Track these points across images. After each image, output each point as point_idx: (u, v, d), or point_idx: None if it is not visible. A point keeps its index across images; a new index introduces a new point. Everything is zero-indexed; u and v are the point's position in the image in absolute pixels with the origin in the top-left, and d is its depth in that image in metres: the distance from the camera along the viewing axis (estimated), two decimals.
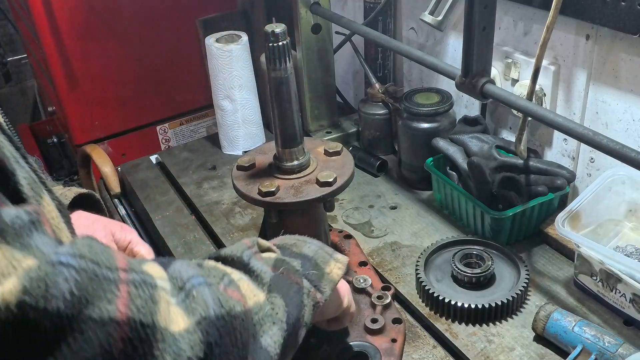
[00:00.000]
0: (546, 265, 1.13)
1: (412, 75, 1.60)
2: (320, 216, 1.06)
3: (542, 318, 0.95)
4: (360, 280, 1.07)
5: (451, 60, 1.39)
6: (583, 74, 1.13)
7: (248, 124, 1.56)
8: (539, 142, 1.28)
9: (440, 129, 1.31)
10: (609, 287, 0.99)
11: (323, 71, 1.52)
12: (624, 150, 0.84)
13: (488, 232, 1.17)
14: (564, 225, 1.02)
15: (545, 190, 1.15)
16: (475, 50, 1.00)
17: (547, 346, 0.96)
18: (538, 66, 1.01)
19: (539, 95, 1.19)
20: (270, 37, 0.93)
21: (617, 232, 1.11)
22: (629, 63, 1.04)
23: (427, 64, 1.14)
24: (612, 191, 1.09)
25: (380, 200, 1.35)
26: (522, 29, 1.22)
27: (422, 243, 1.20)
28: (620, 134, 1.10)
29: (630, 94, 1.06)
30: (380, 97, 1.47)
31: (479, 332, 1.00)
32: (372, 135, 1.50)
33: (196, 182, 1.48)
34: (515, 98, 1.00)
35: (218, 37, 1.51)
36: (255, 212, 1.33)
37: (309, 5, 1.42)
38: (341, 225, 1.28)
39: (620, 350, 0.87)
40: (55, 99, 1.84)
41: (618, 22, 0.98)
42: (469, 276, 1.05)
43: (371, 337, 0.97)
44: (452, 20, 1.30)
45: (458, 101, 1.43)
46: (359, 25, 1.36)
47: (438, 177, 1.26)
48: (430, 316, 1.04)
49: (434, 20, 1.21)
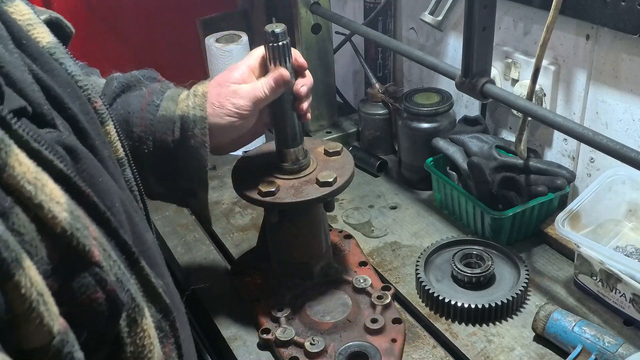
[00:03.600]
0: (546, 265, 1.13)
1: (412, 75, 1.60)
2: (320, 216, 1.06)
3: (542, 318, 0.95)
4: (360, 280, 1.07)
5: (451, 60, 1.39)
6: (583, 74, 1.13)
7: None
8: (539, 142, 1.28)
9: (440, 129, 1.31)
10: (609, 287, 0.99)
11: (323, 71, 1.52)
12: (624, 150, 0.84)
13: (488, 232, 1.17)
14: (564, 225, 1.02)
15: (545, 190, 1.15)
16: (475, 50, 1.00)
17: (547, 346, 0.97)
18: (538, 66, 1.01)
19: (539, 95, 1.19)
20: (270, 37, 0.92)
21: (617, 232, 1.11)
22: (629, 63, 1.04)
23: (427, 64, 1.14)
24: (612, 191, 1.09)
25: (380, 200, 1.35)
26: (522, 29, 1.22)
27: (422, 243, 1.20)
28: (620, 134, 1.10)
29: (630, 94, 1.07)
30: (380, 97, 1.47)
31: (479, 332, 1.00)
32: (372, 135, 1.50)
33: None
34: (515, 98, 1.00)
35: (218, 37, 1.51)
36: (256, 212, 1.33)
37: (309, 5, 1.42)
38: (341, 225, 1.28)
39: (620, 350, 0.88)
40: None
41: (618, 22, 0.98)
42: (469, 276, 1.05)
43: (371, 337, 0.97)
44: (452, 20, 1.30)
45: (458, 101, 1.43)
46: (359, 25, 1.35)
47: (438, 177, 1.26)
48: (430, 316, 1.04)
49: (434, 20, 1.21)
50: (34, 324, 0.40)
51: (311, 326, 1.00)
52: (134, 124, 0.87)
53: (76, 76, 0.58)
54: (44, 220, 0.43)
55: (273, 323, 1.01)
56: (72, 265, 0.45)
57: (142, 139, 0.88)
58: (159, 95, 0.90)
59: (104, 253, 0.48)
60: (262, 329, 1.00)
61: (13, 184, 0.41)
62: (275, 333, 0.98)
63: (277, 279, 1.09)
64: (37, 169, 0.44)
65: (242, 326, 1.06)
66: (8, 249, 0.38)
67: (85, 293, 0.46)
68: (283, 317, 1.01)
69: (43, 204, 0.43)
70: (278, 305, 1.03)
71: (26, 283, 0.39)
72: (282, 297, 1.06)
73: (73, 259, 0.45)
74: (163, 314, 0.59)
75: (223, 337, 1.04)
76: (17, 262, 0.38)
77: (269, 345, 0.99)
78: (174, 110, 0.88)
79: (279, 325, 1.00)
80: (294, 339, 0.97)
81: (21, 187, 0.42)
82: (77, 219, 0.46)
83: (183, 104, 0.89)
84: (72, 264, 0.45)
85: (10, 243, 0.39)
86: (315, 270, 1.08)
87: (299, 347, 0.96)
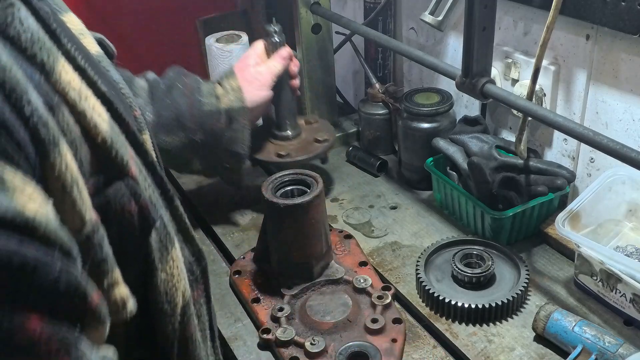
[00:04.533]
0: (546, 265, 1.13)
1: (412, 75, 1.60)
2: (321, 216, 1.06)
3: (542, 318, 0.95)
4: (360, 280, 1.07)
5: (451, 60, 1.39)
6: (583, 74, 1.13)
7: None
8: (539, 142, 1.28)
9: (440, 129, 1.31)
10: (609, 287, 0.99)
11: (323, 71, 1.52)
12: (624, 150, 0.84)
13: (488, 232, 1.17)
14: (564, 225, 1.02)
15: (545, 190, 1.15)
16: (475, 50, 1.00)
17: (547, 346, 0.97)
18: (538, 66, 1.01)
19: (539, 95, 1.19)
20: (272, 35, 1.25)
21: (617, 232, 1.11)
22: (629, 63, 1.04)
23: (427, 64, 1.14)
24: (612, 191, 1.09)
25: (380, 200, 1.35)
26: (522, 29, 1.23)
27: (422, 243, 1.20)
28: (620, 134, 1.10)
29: (630, 94, 1.07)
30: (380, 97, 1.47)
31: (479, 332, 1.00)
32: (372, 135, 1.50)
33: (196, 182, 1.48)
34: (515, 98, 1.00)
35: (218, 37, 1.51)
36: (255, 212, 1.33)
37: (309, 5, 1.42)
38: (341, 225, 1.28)
39: (621, 350, 0.88)
40: None
41: (618, 22, 0.98)
42: (469, 276, 1.05)
43: (371, 337, 0.97)
44: (452, 20, 1.30)
45: (458, 101, 1.43)
46: (359, 25, 1.35)
47: (438, 177, 1.26)
48: (430, 316, 1.04)
49: (434, 20, 1.21)
50: (67, 207, 0.41)
51: (311, 326, 1.00)
52: (186, 119, 1.12)
53: (120, 84, 0.62)
54: (87, 128, 0.46)
55: (273, 323, 1.01)
56: (109, 173, 0.48)
57: (193, 130, 1.13)
58: (199, 93, 1.14)
59: (139, 173, 0.52)
60: (263, 329, 1.00)
61: (59, 89, 0.44)
62: (276, 333, 0.98)
63: (277, 279, 1.09)
64: (82, 83, 0.47)
65: (242, 326, 1.06)
66: (47, 130, 0.40)
67: (119, 202, 0.48)
68: (283, 317, 1.01)
69: (86, 112, 0.46)
70: (278, 305, 1.03)
71: (61, 166, 0.41)
72: (282, 297, 1.06)
73: (111, 168, 0.48)
74: (195, 257, 0.62)
75: (223, 337, 1.04)
76: (54, 145, 0.40)
77: (269, 345, 0.99)
78: (218, 105, 1.14)
79: (279, 325, 1.00)
80: (294, 339, 0.97)
81: (67, 93, 0.44)
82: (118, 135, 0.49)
83: (225, 98, 1.15)
84: (110, 172, 0.48)
85: (50, 124, 0.40)
86: (315, 270, 1.08)
87: (299, 347, 0.96)
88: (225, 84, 1.17)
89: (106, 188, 0.48)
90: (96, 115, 0.47)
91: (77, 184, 0.42)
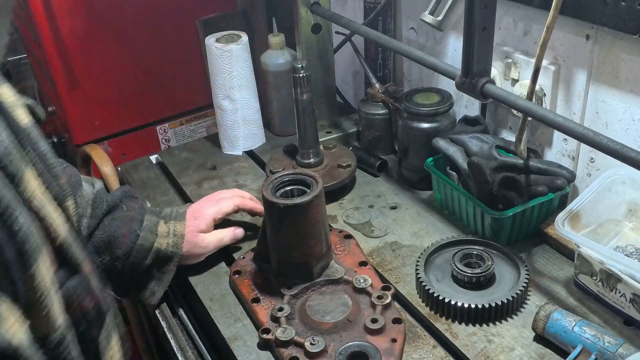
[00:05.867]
0: (546, 265, 1.13)
1: (412, 75, 1.60)
2: (321, 216, 1.06)
3: (542, 318, 0.95)
4: (360, 280, 1.07)
5: (451, 60, 1.39)
6: (583, 74, 1.13)
7: (248, 124, 1.56)
8: (539, 142, 1.28)
9: (440, 129, 1.31)
10: (609, 287, 0.99)
11: (323, 71, 1.52)
12: (624, 150, 0.84)
13: (488, 232, 1.17)
14: (564, 225, 1.02)
15: (545, 190, 1.15)
16: (475, 50, 1.00)
17: (547, 346, 0.97)
18: (538, 66, 1.01)
19: (539, 95, 1.19)
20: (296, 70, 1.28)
21: (617, 232, 1.11)
22: (629, 63, 1.04)
23: (427, 64, 1.14)
24: (612, 191, 1.09)
25: (380, 200, 1.35)
26: (522, 29, 1.23)
27: (422, 243, 1.20)
28: (620, 134, 1.10)
29: (630, 94, 1.07)
30: (380, 97, 1.47)
31: (479, 332, 1.00)
32: (372, 135, 1.50)
33: (196, 182, 1.48)
34: (515, 98, 1.00)
35: (218, 37, 1.51)
36: None
37: (309, 5, 1.42)
38: (341, 225, 1.28)
39: (620, 350, 0.88)
40: (55, 99, 1.84)
41: (618, 22, 0.98)
42: (469, 276, 1.05)
43: (371, 337, 0.97)
44: (452, 20, 1.30)
45: (458, 101, 1.43)
46: (359, 25, 1.35)
47: (438, 177, 1.26)
48: (430, 316, 1.04)
49: (434, 20, 1.21)
50: (41, 315, 0.45)
51: (311, 326, 1.00)
52: (117, 247, 1.07)
53: (47, 154, 0.65)
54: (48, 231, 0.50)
55: (273, 323, 1.01)
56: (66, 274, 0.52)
57: (120, 258, 1.08)
58: (139, 225, 1.10)
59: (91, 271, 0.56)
60: (262, 329, 1.00)
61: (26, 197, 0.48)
62: (276, 333, 0.98)
63: (277, 279, 1.09)
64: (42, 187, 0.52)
65: (242, 326, 1.06)
66: (29, 242, 0.44)
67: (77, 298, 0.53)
68: (283, 317, 1.01)
69: (47, 217, 0.50)
70: (278, 305, 1.03)
71: (40, 275, 0.44)
72: (282, 297, 1.06)
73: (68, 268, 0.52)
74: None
75: (223, 337, 1.04)
76: (38, 253, 0.44)
77: (269, 345, 0.99)
78: (152, 241, 1.10)
79: (279, 325, 1.00)
80: (294, 339, 0.97)
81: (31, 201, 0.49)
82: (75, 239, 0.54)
83: (163, 240, 1.11)
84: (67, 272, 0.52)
85: (32, 236, 0.44)
86: (315, 270, 1.08)
87: (299, 347, 0.96)
88: (171, 225, 1.14)
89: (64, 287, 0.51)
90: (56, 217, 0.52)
91: (50, 291, 0.46)
